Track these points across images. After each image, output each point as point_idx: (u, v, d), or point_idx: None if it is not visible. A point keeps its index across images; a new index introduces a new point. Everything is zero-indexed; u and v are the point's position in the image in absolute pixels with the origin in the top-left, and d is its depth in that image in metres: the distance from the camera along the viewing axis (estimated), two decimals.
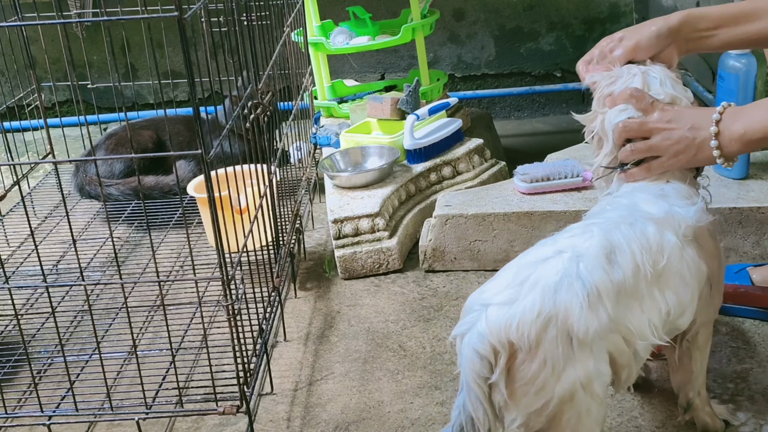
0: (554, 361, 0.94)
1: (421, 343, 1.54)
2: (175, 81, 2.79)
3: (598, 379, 0.97)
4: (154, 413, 1.29)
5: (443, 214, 1.77)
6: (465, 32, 2.89)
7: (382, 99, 2.09)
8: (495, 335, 0.95)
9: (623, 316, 0.99)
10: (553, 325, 0.94)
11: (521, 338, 0.94)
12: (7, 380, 1.46)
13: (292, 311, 1.69)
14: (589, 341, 0.95)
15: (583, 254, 0.99)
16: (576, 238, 1.02)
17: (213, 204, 1.10)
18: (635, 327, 1.00)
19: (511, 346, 0.95)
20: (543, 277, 0.97)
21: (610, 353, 0.99)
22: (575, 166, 1.79)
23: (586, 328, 0.95)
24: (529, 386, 0.96)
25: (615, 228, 1.03)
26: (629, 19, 2.86)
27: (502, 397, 0.97)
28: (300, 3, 2.18)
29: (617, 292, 0.98)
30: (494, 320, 0.96)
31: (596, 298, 0.96)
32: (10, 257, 1.89)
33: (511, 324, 0.95)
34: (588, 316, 0.95)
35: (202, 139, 1.08)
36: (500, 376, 0.96)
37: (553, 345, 0.94)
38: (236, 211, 1.49)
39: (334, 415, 1.36)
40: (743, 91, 1.71)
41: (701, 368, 1.20)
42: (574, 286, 0.96)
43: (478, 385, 0.97)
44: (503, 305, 0.96)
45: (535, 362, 0.95)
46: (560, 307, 0.95)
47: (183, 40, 1.04)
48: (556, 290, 0.95)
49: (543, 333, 0.94)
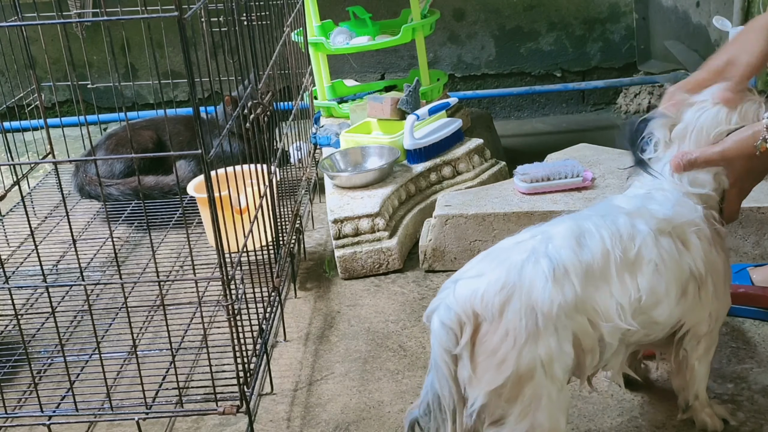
0: (516, 334, 0.97)
1: (421, 343, 1.54)
2: (175, 81, 2.79)
3: (559, 360, 0.99)
4: (154, 413, 1.29)
5: (443, 214, 1.77)
6: (465, 32, 2.89)
7: (382, 99, 2.09)
8: (461, 306, 0.99)
9: (590, 296, 1.01)
10: (517, 298, 0.98)
11: (485, 308, 0.98)
12: (7, 380, 1.46)
13: (292, 311, 1.69)
14: (553, 316, 0.98)
15: (553, 236, 1.03)
16: (548, 225, 1.07)
17: (213, 204, 1.10)
18: (602, 308, 1.02)
19: (476, 317, 0.99)
20: (512, 256, 1.01)
21: (575, 334, 1.01)
22: (575, 166, 1.79)
23: (550, 301, 0.98)
24: (491, 359, 0.98)
25: (586, 218, 1.07)
26: (629, 19, 2.86)
27: (467, 372, 0.99)
28: (300, 3, 2.18)
29: (585, 271, 1.01)
30: (461, 292, 1.00)
31: (562, 274, 0.99)
32: (10, 257, 1.89)
33: (476, 295, 0.99)
34: (553, 290, 0.98)
35: (202, 139, 1.08)
36: (465, 347, 0.99)
37: (516, 317, 0.97)
38: (236, 212, 1.49)
39: (334, 415, 1.36)
40: None
41: (701, 377, 1.20)
42: (540, 262, 1.00)
43: (445, 362, 1.00)
44: (471, 279, 1.01)
45: (497, 334, 0.98)
46: (525, 280, 0.99)
47: (183, 40, 1.04)
48: (523, 266, 1.00)
49: (507, 304, 0.98)
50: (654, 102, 2.83)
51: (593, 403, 1.32)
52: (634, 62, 2.89)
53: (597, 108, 2.98)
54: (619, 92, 2.95)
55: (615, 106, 2.94)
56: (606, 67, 2.92)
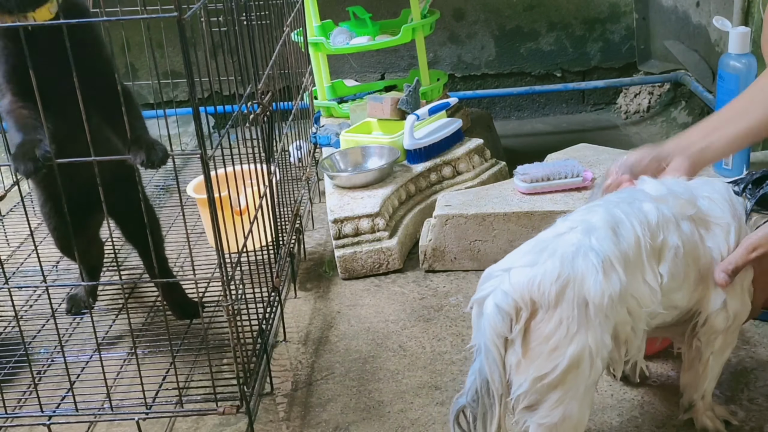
0: (569, 323, 1.00)
1: (421, 343, 1.54)
2: (175, 81, 2.79)
3: (602, 351, 1.03)
4: (154, 413, 1.29)
5: (443, 214, 1.77)
6: (465, 32, 2.89)
7: (382, 99, 2.09)
8: (518, 292, 1.02)
9: (631, 285, 1.05)
10: (571, 288, 1.01)
11: (542, 296, 1.01)
12: (8, 380, 1.46)
13: (292, 311, 1.69)
14: (604, 307, 1.01)
15: (593, 228, 1.05)
16: (585, 214, 1.09)
17: (213, 204, 1.10)
18: (639, 295, 1.05)
19: (533, 304, 1.01)
20: (560, 247, 1.04)
21: (615, 325, 1.04)
22: (575, 166, 1.79)
23: (602, 293, 1.01)
24: (543, 346, 1.01)
25: (615, 206, 1.10)
26: (629, 19, 2.86)
27: (516, 358, 1.02)
28: (300, 3, 2.18)
29: (624, 261, 1.04)
30: (517, 280, 1.03)
31: (609, 265, 1.02)
32: (10, 257, 1.90)
33: (533, 282, 1.01)
34: (603, 282, 1.01)
35: (201, 139, 1.08)
36: (519, 333, 1.02)
37: (570, 307, 1.00)
38: (236, 212, 1.49)
39: (334, 415, 1.36)
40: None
41: (713, 375, 1.19)
42: (589, 256, 1.02)
43: (496, 346, 1.03)
44: (525, 267, 1.03)
45: (552, 322, 1.01)
46: (578, 272, 1.01)
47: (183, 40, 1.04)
48: (574, 258, 1.02)
49: (562, 294, 1.01)
50: (654, 102, 2.83)
51: (593, 402, 1.32)
52: (634, 62, 2.89)
53: (597, 108, 2.98)
54: (619, 92, 2.95)
55: (615, 106, 2.94)
56: (606, 67, 2.92)
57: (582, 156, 1.96)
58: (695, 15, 2.49)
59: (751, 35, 1.86)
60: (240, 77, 1.42)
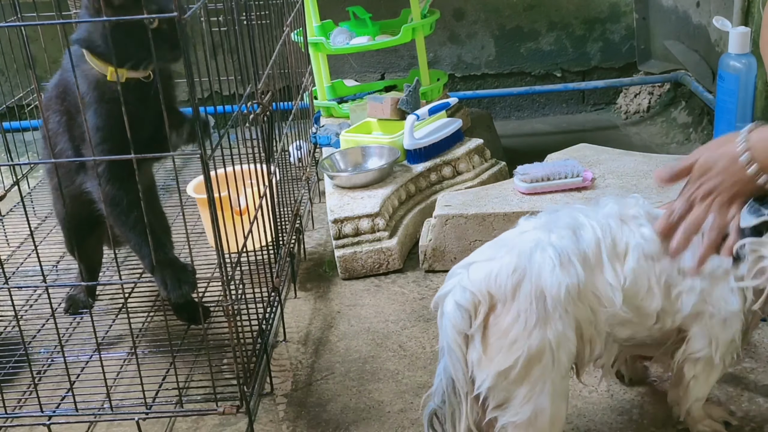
0: (527, 316, 1.01)
1: (421, 343, 1.54)
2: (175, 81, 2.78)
3: (564, 345, 1.03)
4: (154, 413, 1.29)
5: (443, 214, 1.77)
6: (465, 32, 2.89)
7: (382, 99, 2.09)
8: (476, 286, 1.03)
9: (591, 281, 1.06)
10: (528, 281, 1.02)
11: (499, 289, 1.02)
12: (8, 380, 1.46)
13: (292, 311, 1.69)
14: (561, 299, 1.02)
15: (554, 228, 1.07)
16: (547, 215, 1.11)
17: (213, 204, 1.10)
18: (601, 292, 1.06)
19: (491, 298, 1.03)
20: (519, 244, 1.06)
21: (577, 321, 1.05)
22: (575, 166, 1.79)
23: (558, 284, 1.02)
24: (503, 340, 1.02)
25: (579, 211, 1.11)
26: (629, 19, 2.86)
27: (477, 354, 1.03)
28: (300, 3, 2.18)
29: (583, 259, 1.05)
30: (475, 275, 1.04)
31: (567, 260, 1.04)
32: (10, 257, 1.89)
33: (491, 276, 1.03)
34: (560, 274, 1.02)
35: (201, 139, 1.08)
36: (478, 328, 1.03)
37: (527, 300, 1.02)
38: (236, 213, 1.49)
39: (334, 415, 1.36)
40: (743, 91, 1.71)
41: (694, 397, 1.17)
42: (547, 250, 1.04)
43: (458, 344, 1.04)
44: (484, 261, 1.05)
45: (509, 315, 1.02)
46: (534, 265, 1.03)
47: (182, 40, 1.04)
48: (531, 252, 1.04)
49: (518, 287, 1.02)
50: (654, 102, 2.83)
51: (593, 402, 1.32)
52: (634, 62, 2.88)
53: (597, 108, 2.98)
54: (619, 92, 2.95)
55: (615, 106, 2.94)
56: (606, 67, 2.92)
57: (582, 156, 1.96)
58: (695, 15, 2.49)
59: (751, 35, 1.86)
60: (240, 77, 1.42)
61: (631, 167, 1.88)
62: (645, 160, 1.92)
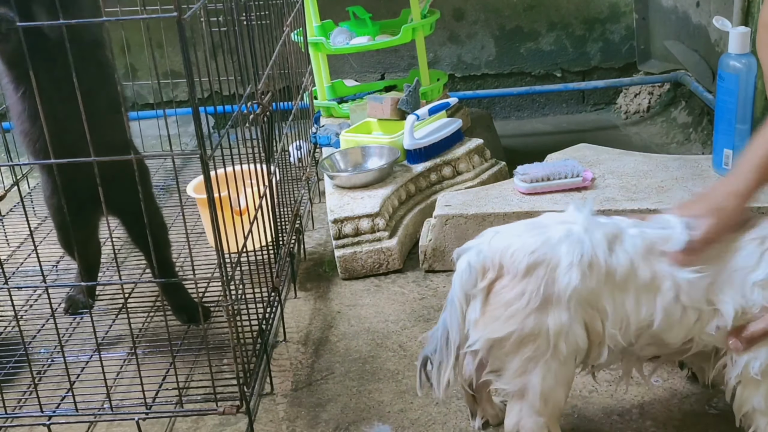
0: (531, 297, 1.03)
1: (421, 343, 1.54)
2: (175, 81, 2.79)
3: (567, 336, 1.04)
4: (154, 413, 1.29)
5: (443, 214, 1.77)
6: (465, 32, 2.89)
7: (382, 99, 2.09)
8: (491, 253, 1.06)
9: (605, 297, 1.05)
10: (543, 267, 1.03)
11: (512, 263, 1.04)
12: (8, 380, 1.46)
13: (292, 311, 1.69)
14: (566, 297, 1.03)
15: (593, 231, 1.07)
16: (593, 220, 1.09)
17: (213, 205, 1.10)
18: (611, 313, 1.05)
19: (500, 268, 1.05)
20: (551, 231, 1.07)
21: (585, 323, 1.06)
22: (575, 166, 1.79)
23: (567, 283, 1.03)
24: (501, 310, 1.05)
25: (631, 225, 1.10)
26: (629, 19, 2.86)
27: (475, 315, 1.06)
28: (300, 3, 2.18)
29: (607, 273, 1.04)
30: (495, 243, 1.07)
31: (588, 266, 1.04)
32: (10, 257, 1.90)
33: (509, 249, 1.05)
34: (573, 274, 1.03)
35: (201, 139, 1.08)
36: (481, 291, 1.06)
37: (536, 283, 1.03)
38: (236, 213, 1.49)
39: (334, 415, 1.36)
40: (743, 91, 1.71)
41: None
42: (574, 247, 1.04)
43: (459, 300, 1.08)
44: (511, 235, 1.07)
45: (515, 290, 1.04)
46: (555, 255, 1.04)
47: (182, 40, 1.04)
48: (558, 243, 1.05)
49: (532, 269, 1.04)
50: (654, 102, 2.83)
51: (593, 403, 1.32)
52: (634, 62, 2.89)
53: (597, 108, 2.98)
54: (619, 92, 2.95)
55: (615, 106, 2.94)
56: (606, 67, 2.92)
57: (582, 156, 1.96)
58: (695, 15, 2.49)
59: (751, 35, 1.86)
60: (240, 77, 1.42)
61: (631, 167, 1.88)
62: (645, 160, 1.92)
